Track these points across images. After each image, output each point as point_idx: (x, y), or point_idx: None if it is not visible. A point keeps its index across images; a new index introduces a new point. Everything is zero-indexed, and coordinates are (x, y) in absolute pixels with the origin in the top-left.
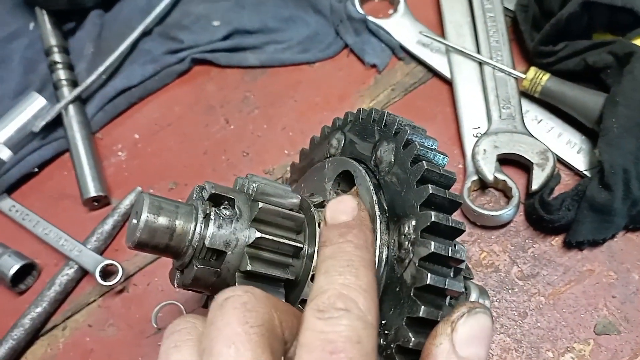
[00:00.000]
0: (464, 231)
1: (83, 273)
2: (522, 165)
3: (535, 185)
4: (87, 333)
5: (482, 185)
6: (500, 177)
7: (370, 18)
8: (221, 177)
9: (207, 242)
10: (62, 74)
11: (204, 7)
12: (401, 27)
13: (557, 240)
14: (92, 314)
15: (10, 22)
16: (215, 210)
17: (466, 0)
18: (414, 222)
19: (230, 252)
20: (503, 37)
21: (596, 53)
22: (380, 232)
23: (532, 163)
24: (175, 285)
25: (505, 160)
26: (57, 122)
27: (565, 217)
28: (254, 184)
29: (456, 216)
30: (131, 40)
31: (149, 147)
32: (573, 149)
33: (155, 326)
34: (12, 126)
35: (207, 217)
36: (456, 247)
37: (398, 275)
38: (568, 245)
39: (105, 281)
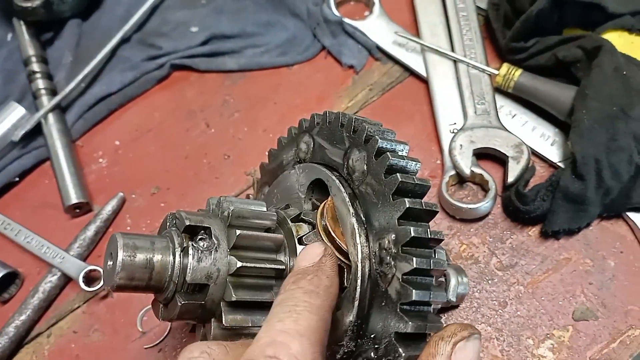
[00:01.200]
0: (442, 239)
1: (66, 280)
2: (497, 159)
3: (510, 178)
4: (73, 339)
5: (460, 179)
6: (477, 171)
7: (347, 20)
8: (203, 181)
9: (188, 278)
10: (40, 83)
11: (182, 14)
12: (377, 28)
13: (534, 231)
14: (77, 320)
15: None
16: (192, 244)
17: (440, 1)
18: (393, 236)
19: (213, 284)
20: (476, 35)
21: (566, 48)
22: (361, 246)
23: (508, 156)
24: (160, 319)
25: (482, 155)
26: (37, 131)
27: (540, 207)
28: (229, 208)
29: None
30: (110, 47)
31: (130, 153)
32: (547, 141)
33: (141, 330)
34: None
35: (184, 250)
36: (436, 256)
37: (382, 290)
38: (545, 235)
39: (89, 287)
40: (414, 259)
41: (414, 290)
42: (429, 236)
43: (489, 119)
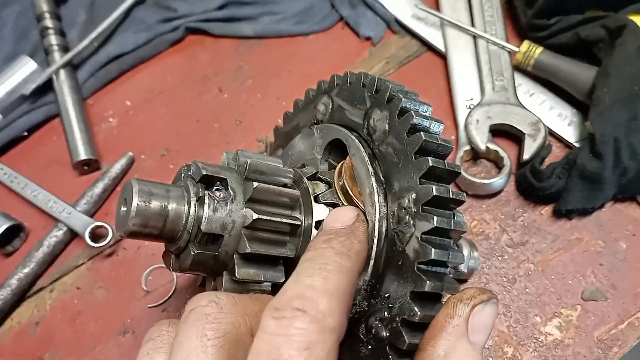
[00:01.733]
0: (464, 201)
1: (72, 235)
2: (513, 137)
3: (526, 155)
4: (76, 295)
5: (475, 155)
6: (492, 147)
7: None
8: (213, 145)
9: (203, 227)
10: (53, 39)
11: None
12: (396, 0)
13: (547, 210)
14: (81, 277)
15: None
16: (209, 193)
17: None
18: (414, 195)
19: (227, 235)
20: (497, 12)
21: (589, 27)
22: (379, 205)
23: (524, 134)
24: (172, 270)
25: (498, 132)
26: (47, 87)
27: (555, 184)
28: (247, 161)
29: None
30: (124, 7)
31: (141, 114)
32: (564, 121)
33: (145, 289)
34: (1, 89)
35: (200, 200)
36: (456, 217)
37: (399, 249)
38: (557, 214)
39: (95, 243)
40: (435, 217)
41: (433, 249)
42: (451, 196)
43: (506, 95)
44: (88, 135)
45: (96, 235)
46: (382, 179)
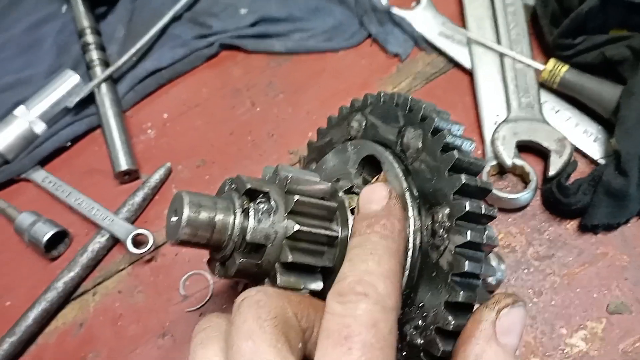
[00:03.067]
0: (495, 217)
1: (114, 241)
2: (539, 152)
3: (552, 171)
4: (117, 299)
5: (501, 170)
6: (519, 162)
7: (394, 9)
8: (246, 156)
9: (248, 237)
10: (94, 54)
11: None
12: (424, 18)
13: (572, 224)
14: (122, 281)
15: (43, 6)
16: (253, 206)
17: None
18: (447, 210)
19: (270, 245)
20: (523, 31)
21: (614, 47)
22: (413, 219)
23: (550, 150)
24: (217, 276)
25: (523, 147)
26: (89, 100)
27: (581, 200)
28: (287, 175)
29: None
30: (162, 24)
31: (177, 126)
32: (589, 138)
33: (183, 294)
34: (46, 101)
35: (245, 212)
36: (488, 232)
37: (433, 262)
38: (583, 228)
39: (136, 250)
40: (468, 231)
41: (466, 262)
42: (483, 212)
43: (532, 112)
44: (128, 146)
45: (137, 242)
46: (416, 194)
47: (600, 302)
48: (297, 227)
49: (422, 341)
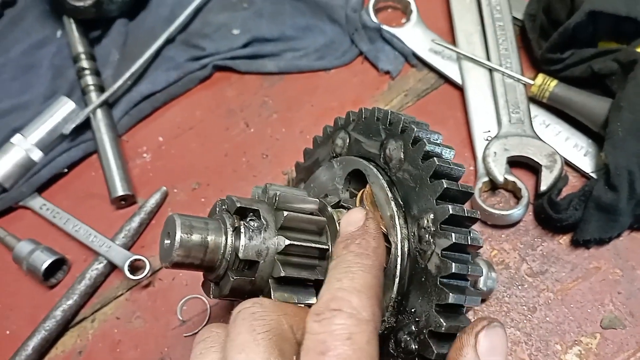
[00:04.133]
0: (478, 219)
1: (111, 268)
2: (530, 167)
3: (543, 186)
4: (115, 325)
5: (493, 186)
6: (510, 178)
7: (384, 27)
8: (241, 178)
9: (240, 255)
10: (89, 79)
11: (224, 17)
12: (414, 35)
13: (565, 239)
14: (120, 307)
15: (38, 30)
16: (244, 223)
17: (476, 10)
18: (432, 216)
19: (262, 261)
20: (512, 45)
21: (602, 60)
22: (400, 227)
23: (541, 165)
24: (212, 297)
25: (515, 163)
26: (85, 125)
27: (572, 216)
28: (276, 192)
29: None
30: (155, 47)
31: (173, 149)
32: (580, 151)
33: (181, 318)
34: (43, 128)
35: (236, 230)
36: (472, 234)
37: (422, 266)
38: (575, 243)
39: (133, 275)
40: (453, 234)
41: (453, 263)
42: (466, 214)
43: (523, 127)
44: (124, 171)
45: (134, 268)
46: (401, 203)
47: (594, 317)
48: (287, 242)
49: (416, 346)
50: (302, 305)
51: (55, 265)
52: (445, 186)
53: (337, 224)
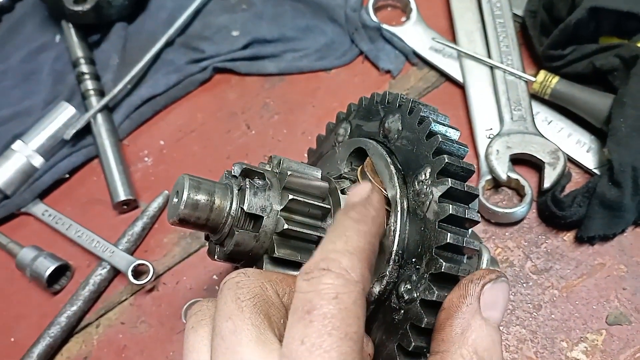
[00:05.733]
0: (473, 171)
1: (115, 273)
2: (533, 164)
3: (547, 184)
4: (120, 330)
5: (496, 184)
6: (513, 176)
7: (384, 26)
8: None
9: (245, 208)
10: (89, 84)
11: (223, 19)
12: (414, 34)
13: (569, 236)
14: (124, 312)
15: (38, 36)
16: (249, 181)
17: (476, 8)
18: (429, 169)
19: (266, 217)
20: (513, 42)
21: (603, 56)
22: (399, 187)
23: (544, 162)
24: (216, 258)
25: (518, 160)
26: (86, 130)
27: (576, 213)
28: (280, 159)
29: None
30: (155, 50)
31: (174, 152)
32: (582, 148)
33: (185, 322)
34: (43, 134)
35: (241, 190)
36: (468, 185)
37: (421, 217)
38: (579, 240)
39: (137, 280)
40: (449, 179)
41: (450, 205)
42: (461, 165)
43: (525, 125)
44: (126, 176)
45: (138, 272)
46: (400, 166)
47: (600, 313)
48: (290, 196)
49: (417, 294)
50: (293, 272)
51: (58, 271)
52: (440, 140)
53: (339, 192)
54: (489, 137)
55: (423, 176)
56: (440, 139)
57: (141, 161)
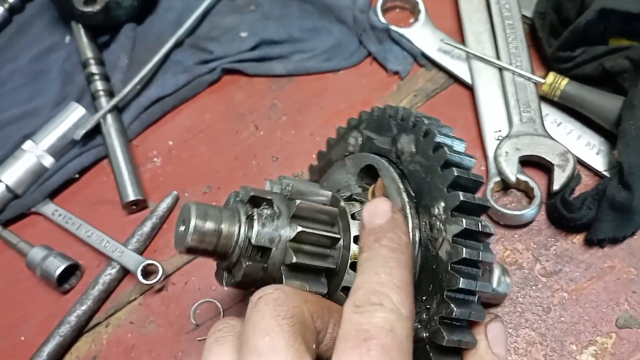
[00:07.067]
0: (489, 207)
1: (124, 273)
2: (542, 166)
3: (556, 186)
4: (129, 330)
5: (505, 186)
6: (522, 178)
7: (393, 27)
8: (252, 181)
9: (253, 241)
10: (99, 84)
11: (231, 20)
12: (422, 35)
13: (579, 238)
14: (134, 312)
15: (47, 36)
16: (257, 211)
17: (485, 9)
18: (443, 204)
19: (274, 248)
20: (522, 44)
21: (613, 58)
22: (411, 217)
23: (553, 164)
24: (224, 285)
25: (527, 162)
26: (96, 131)
27: (586, 215)
28: (288, 184)
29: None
30: (164, 51)
31: (183, 153)
32: (592, 150)
33: (194, 322)
34: (54, 134)
35: (249, 218)
36: (483, 222)
37: (433, 254)
38: (589, 242)
39: (147, 280)
40: (463, 220)
41: (464, 248)
42: (477, 202)
43: (534, 126)
44: (135, 176)
45: (147, 272)
46: (413, 194)
47: (609, 316)
48: (299, 228)
49: (427, 334)
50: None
51: (68, 270)
52: (455, 174)
53: (349, 217)
54: (498, 139)
55: (436, 210)
56: (456, 173)
57: (150, 161)
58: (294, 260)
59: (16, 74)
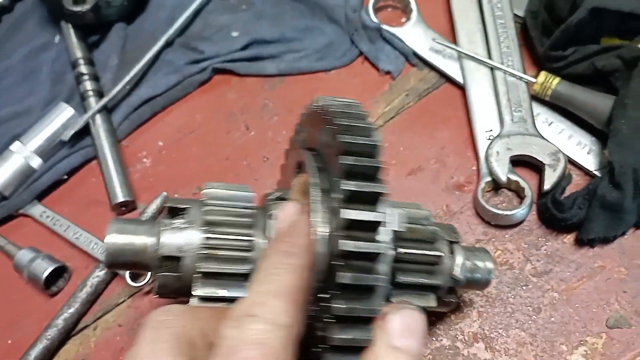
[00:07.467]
0: (382, 194)
1: (113, 275)
2: (533, 166)
3: (547, 186)
4: (118, 332)
5: (496, 186)
6: (513, 177)
7: (384, 26)
8: (243, 181)
9: (159, 251)
10: (88, 85)
11: (223, 19)
12: (414, 34)
13: (569, 238)
14: (122, 314)
15: (37, 36)
16: (163, 221)
17: (477, 8)
18: (338, 195)
19: (184, 257)
20: (513, 43)
21: (605, 57)
22: (323, 212)
23: (544, 164)
24: (154, 296)
25: (518, 162)
26: (84, 131)
27: (577, 215)
28: (204, 191)
29: (471, 217)
30: (154, 51)
31: (173, 153)
32: (583, 149)
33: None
34: (42, 135)
35: (164, 230)
36: (375, 211)
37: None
38: (580, 242)
39: (135, 282)
40: (349, 210)
41: (345, 241)
42: (367, 190)
43: (525, 126)
44: (124, 177)
45: (135, 275)
46: (327, 187)
47: (600, 316)
48: (205, 235)
49: (322, 334)
50: (223, 304)
51: (56, 273)
52: (347, 162)
53: (267, 216)
54: (489, 139)
55: (335, 202)
56: (347, 162)
57: (140, 162)
58: (203, 267)
59: (6, 74)
